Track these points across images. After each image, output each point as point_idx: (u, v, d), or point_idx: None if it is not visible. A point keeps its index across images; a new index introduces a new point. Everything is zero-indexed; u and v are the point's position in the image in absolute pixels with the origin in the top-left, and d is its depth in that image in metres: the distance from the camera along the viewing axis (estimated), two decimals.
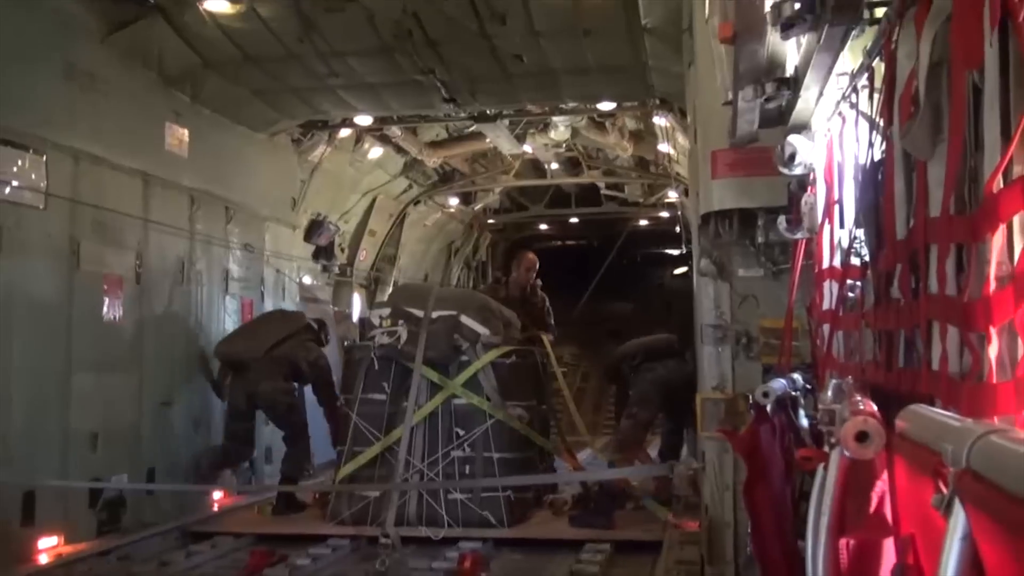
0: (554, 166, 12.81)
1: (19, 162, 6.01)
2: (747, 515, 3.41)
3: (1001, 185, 1.56)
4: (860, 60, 2.79)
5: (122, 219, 6.95)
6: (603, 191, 14.15)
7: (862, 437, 1.44)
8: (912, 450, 1.29)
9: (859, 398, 1.70)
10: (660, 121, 9.65)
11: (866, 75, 2.75)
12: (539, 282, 9.51)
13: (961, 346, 1.82)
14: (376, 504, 6.57)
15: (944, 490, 1.02)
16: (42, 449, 6.07)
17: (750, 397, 4.55)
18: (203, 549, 6.19)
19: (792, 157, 3.57)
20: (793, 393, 3.33)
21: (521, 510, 6.88)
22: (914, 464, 1.29)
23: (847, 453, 1.52)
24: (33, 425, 6.00)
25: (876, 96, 2.69)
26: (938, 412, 1.34)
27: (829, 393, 1.96)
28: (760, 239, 4.86)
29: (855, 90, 2.91)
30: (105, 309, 6.79)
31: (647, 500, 7.14)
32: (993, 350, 1.59)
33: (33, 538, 5.84)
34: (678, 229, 12.64)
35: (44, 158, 6.19)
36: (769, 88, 3.30)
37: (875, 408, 1.57)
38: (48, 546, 5.91)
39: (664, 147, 10.45)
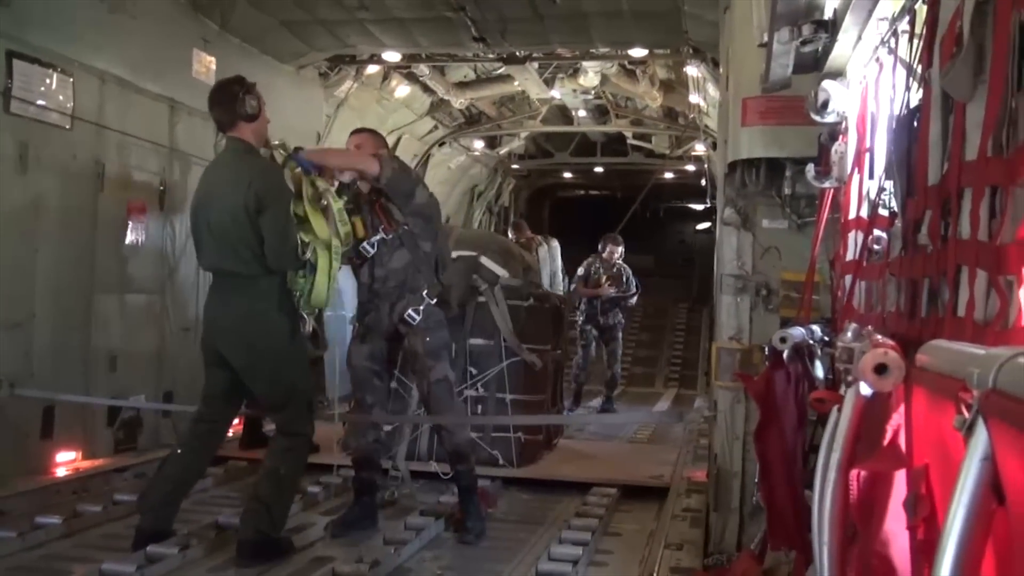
0: (581, 113, 12.70)
1: (46, 81, 6.00)
2: (756, 461, 3.42)
3: None
4: (902, 3, 2.72)
5: (147, 144, 6.96)
6: (630, 141, 14.04)
7: (881, 369, 1.43)
8: (933, 380, 1.28)
9: (879, 337, 1.68)
10: (692, 71, 9.51)
11: (907, 19, 2.69)
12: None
13: (988, 292, 1.80)
14: (387, 438, 6.63)
15: (966, 413, 1.01)
16: (63, 367, 6.16)
17: (766, 348, 4.56)
18: (216, 472, 6.28)
19: (825, 104, 3.51)
20: (811, 342, 3.31)
21: (531, 452, 6.94)
22: (934, 394, 1.27)
23: (865, 387, 1.50)
24: (55, 343, 6.09)
25: (916, 41, 2.63)
26: (963, 344, 1.33)
27: (848, 334, 1.95)
28: (787, 190, 4.81)
29: (895, 34, 2.84)
30: (128, 232, 6.83)
31: None
32: (1023, 293, 1.56)
33: (51, 451, 5.97)
34: (704, 183, 12.54)
35: (72, 79, 6.19)
36: (806, 30, 3.23)
37: (894, 344, 1.55)
38: (66, 460, 6.04)
39: (695, 98, 10.31)
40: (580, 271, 10.98)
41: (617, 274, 10.83)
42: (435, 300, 5.04)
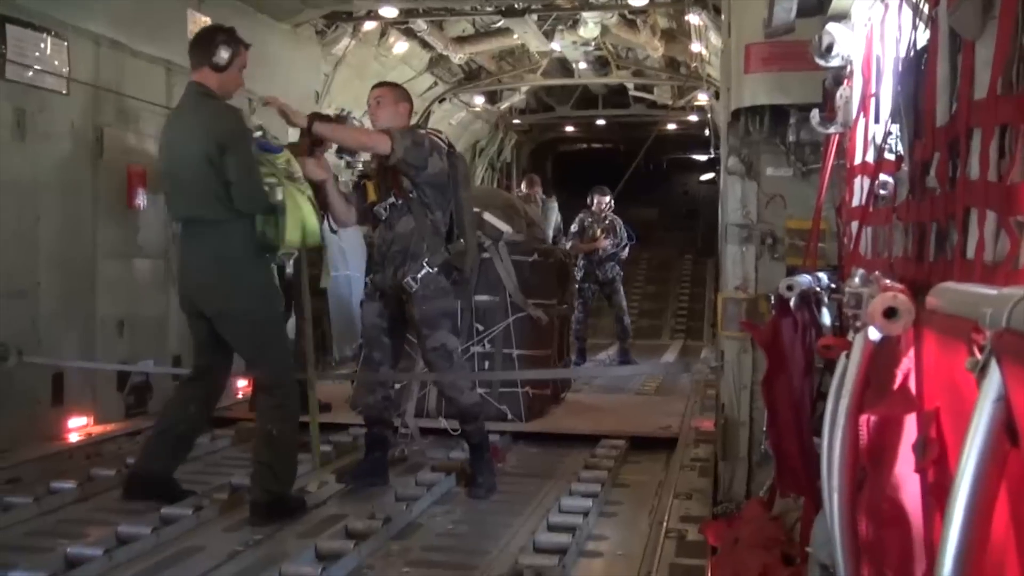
0: (582, 66, 12.55)
1: (40, 45, 5.94)
2: (765, 409, 3.43)
3: None
4: None
5: (145, 107, 6.90)
6: (631, 93, 13.90)
7: (891, 313, 1.41)
8: (944, 322, 1.26)
9: (888, 281, 1.67)
10: (693, 19, 9.38)
11: None
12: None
13: (998, 233, 1.78)
14: (396, 396, 6.66)
15: (978, 354, 0.99)
16: (70, 334, 6.18)
17: (771, 297, 4.55)
18: (227, 434, 6.33)
19: (830, 48, 3.46)
20: (817, 290, 3.30)
21: (539, 406, 6.97)
22: (945, 336, 1.26)
23: (873, 332, 1.49)
24: (61, 311, 6.10)
25: None
26: (973, 285, 1.31)
27: (856, 280, 1.93)
28: (791, 137, 4.77)
29: None
30: (130, 197, 6.81)
31: None
32: None
33: (63, 418, 6.01)
34: (707, 133, 12.44)
35: (66, 43, 6.12)
36: None
37: (903, 287, 1.54)
38: (78, 425, 6.09)
39: (697, 47, 10.17)
40: (573, 227, 10.98)
41: (610, 226, 10.85)
42: (437, 268, 5.02)
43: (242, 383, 7.76)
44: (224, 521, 4.48)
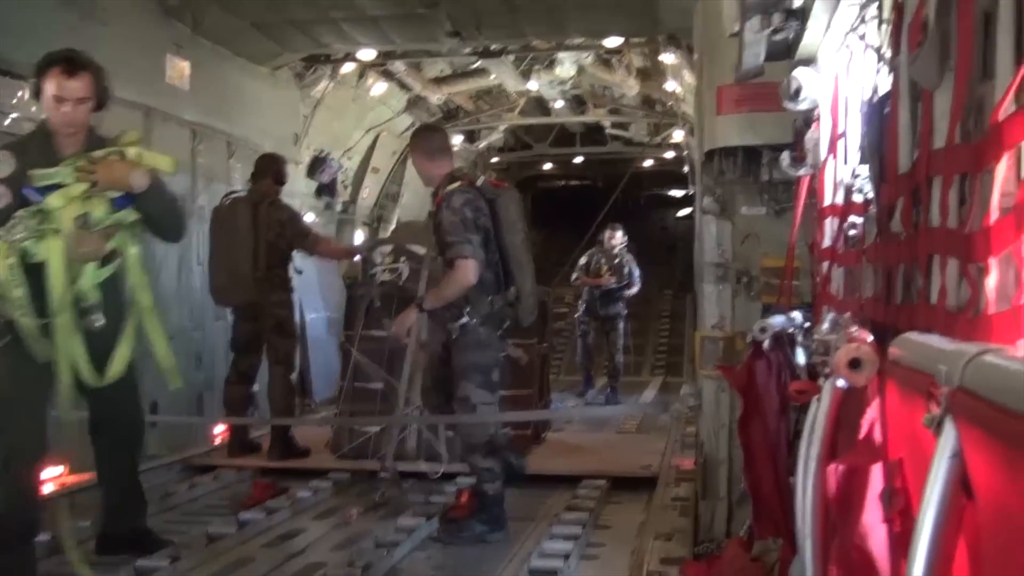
0: (559, 104, 12.69)
1: (19, 93, 5.94)
2: (741, 450, 3.43)
3: (1011, 110, 1.52)
4: None
5: None
6: (608, 130, 14.06)
7: (855, 364, 1.43)
8: (905, 375, 1.28)
9: (854, 328, 1.69)
10: (668, 58, 9.52)
11: (875, 4, 2.70)
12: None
13: (960, 279, 1.80)
14: (376, 439, 6.62)
15: (936, 410, 1.01)
16: None
17: (749, 336, 4.57)
18: (205, 481, 6.27)
19: (798, 92, 3.52)
20: (791, 331, 3.32)
21: (519, 447, 6.91)
22: (906, 388, 1.28)
23: (840, 380, 1.51)
24: None
25: (884, 27, 2.64)
26: (933, 337, 1.33)
27: (825, 326, 1.95)
28: (764, 177, 4.82)
29: (863, 21, 2.85)
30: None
31: None
32: (992, 281, 1.57)
33: None
34: (685, 169, 12.58)
35: None
36: (776, 19, 3.24)
37: (869, 337, 1.56)
38: (53, 475, 5.99)
39: (671, 85, 10.32)
40: (582, 260, 11.14)
41: (618, 265, 10.97)
42: (478, 319, 4.96)
43: (219, 429, 7.68)
44: (201, 571, 4.42)
